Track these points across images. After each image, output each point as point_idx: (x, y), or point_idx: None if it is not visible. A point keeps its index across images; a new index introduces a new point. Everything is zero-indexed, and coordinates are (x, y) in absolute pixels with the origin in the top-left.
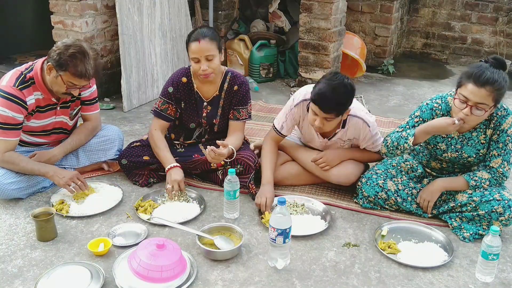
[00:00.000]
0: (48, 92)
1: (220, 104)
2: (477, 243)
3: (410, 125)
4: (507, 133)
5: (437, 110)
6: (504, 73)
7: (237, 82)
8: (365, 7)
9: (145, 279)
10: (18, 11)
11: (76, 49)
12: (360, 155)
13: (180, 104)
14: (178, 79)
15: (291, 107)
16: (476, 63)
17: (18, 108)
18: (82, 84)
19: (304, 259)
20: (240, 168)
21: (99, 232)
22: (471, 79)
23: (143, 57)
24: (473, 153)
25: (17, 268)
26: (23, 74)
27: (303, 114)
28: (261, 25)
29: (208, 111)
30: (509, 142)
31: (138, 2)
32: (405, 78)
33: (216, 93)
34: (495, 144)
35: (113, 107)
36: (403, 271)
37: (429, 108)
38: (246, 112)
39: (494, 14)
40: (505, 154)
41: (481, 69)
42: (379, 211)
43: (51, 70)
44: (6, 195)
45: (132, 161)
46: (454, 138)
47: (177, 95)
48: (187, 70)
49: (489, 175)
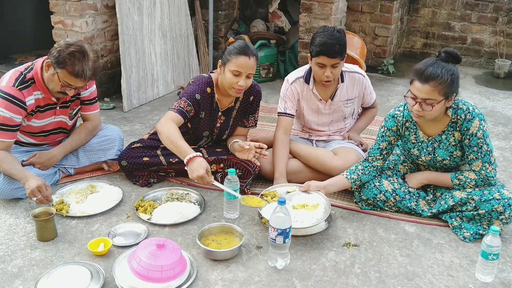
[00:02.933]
0: (48, 91)
1: (233, 115)
2: (477, 243)
3: (379, 136)
4: (477, 136)
5: (398, 117)
6: (451, 65)
7: (253, 92)
8: (365, 7)
9: (145, 279)
10: (18, 11)
11: (77, 48)
12: (364, 123)
13: (200, 113)
14: (204, 88)
15: (288, 87)
16: (426, 58)
17: (16, 109)
18: (78, 84)
19: (304, 259)
20: (238, 173)
21: (99, 232)
22: (416, 76)
23: (143, 57)
24: (446, 156)
25: (17, 268)
26: (22, 74)
27: (300, 90)
28: (261, 25)
29: (222, 121)
30: (483, 144)
31: (138, 2)
32: (405, 78)
33: (231, 104)
34: (469, 148)
35: (113, 107)
36: (403, 271)
37: (391, 116)
38: (254, 119)
39: (494, 14)
40: (483, 156)
41: (425, 65)
42: (379, 211)
43: (49, 67)
44: (6, 195)
45: (132, 163)
46: (425, 142)
47: (202, 103)
48: (210, 80)
49: (475, 176)
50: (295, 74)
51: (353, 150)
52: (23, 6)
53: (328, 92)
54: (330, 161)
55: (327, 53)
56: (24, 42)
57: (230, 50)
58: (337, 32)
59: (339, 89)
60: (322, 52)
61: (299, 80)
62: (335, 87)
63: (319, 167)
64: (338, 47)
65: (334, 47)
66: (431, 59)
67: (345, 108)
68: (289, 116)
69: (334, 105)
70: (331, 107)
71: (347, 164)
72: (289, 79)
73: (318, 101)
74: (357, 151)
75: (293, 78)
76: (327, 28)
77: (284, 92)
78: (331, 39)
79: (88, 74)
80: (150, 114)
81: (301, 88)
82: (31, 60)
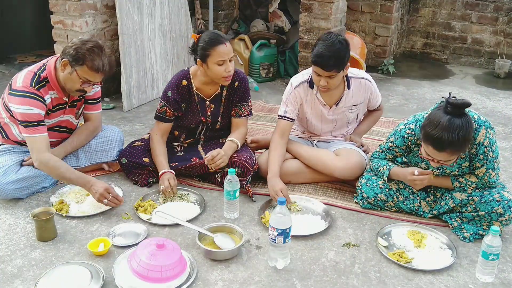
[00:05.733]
0: (61, 90)
1: (222, 102)
2: (477, 243)
3: (386, 148)
4: (483, 145)
5: (409, 137)
6: (464, 119)
7: (238, 78)
8: (365, 7)
9: (145, 279)
10: (18, 11)
11: (94, 43)
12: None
13: (180, 106)
14: (178, 82)
15: (291, 91)
16: (436, 113)
17: (40, 104)
18: (97, 79)
19: (304, 259)
20: (238, 171)
21: (99, 232)
22: (429, 142)
23: (143, 57)
24: (455, 168)
25: (17, 268)
26: (36, 74)
27: (304, 95)
28: (261, 25)
29: (212, 109)
30: (489, 152)
31: (138, 2)
32: (405, 78)
33: (218, 91)
34: (475, 157)
35: (113, 107)
36: (403, 271)
37: (401, 136)
38: (248, 108)
39: (494, 14)
40: (488, 163)
41: (439, 133)
42: (379, 211)
43: (66, 66)
44: (6, 195)
45: (132, 161)
46: None
47: (177, 97)
48: (186, 72)
49: (476, 179)
50: (300, 78)
51: (355, 151)
52: (23, 6)
53: (333, 98)
54: (332, 162)
55: (321, 66)
56: (24, 42)
57: (204, 46)
58: (339, 42)
59: (344, 96)
60: (317, 63)
61: (303, 84)
62: (340, 93)
63: (321, 168)
64: (334, 61)
65: (329, 60)
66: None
67: (349, 114)
68: (289, 120)
69: (338, 110)
70: (335, 112)
71: (349, 165)
72: (293, 83)
73: (322, 106)
74: (359, 152)
75: (297, 82)
76: (330, 36)
77: (287, 96)
78: (329, 51)
79: (107, 68)
80: (150, 114)
81: (305, 92)
82: (31, 60)
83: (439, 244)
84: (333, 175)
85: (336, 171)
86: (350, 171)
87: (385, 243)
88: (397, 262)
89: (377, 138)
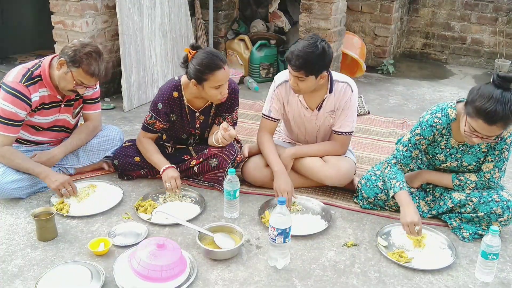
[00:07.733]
0: (55, 89)
1: (211, 113)
2: (477, 243)
3: (412, 143)
4: (505, 142)
5: (437, 125)
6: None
7: (229, 89)
8: (365, 7)
9: (145, 279)
10: (18, 11)
11: (93, 48)
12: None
13: (170, 118)
14: (169, 94)
15: (274, 89)
16: (486, 87)
17: (22, 104)
18: (91, 83)
19: (304, 259)
20: (215, 163)
21: (99, 231)
22: (481, 116)
23: (143, 57)
24: (473, 161)
25: (17, 268)
26: (30, 70)
27: (286, 95)
28: (261, 25)
29: (201, 121)
30: (506, 151)
31: (138, 2)
32: (405, 78)
33: (208, 103)
34: (492, 150)
35: (113, 107)
36: (403, 271)
37: (429, 125)
38: (232, 119)
39: (493, 14)
40: (498, 161)
41: (492, 106)
42: (379, 211)
43: (62, 66)
44: (6, 195)
45: (124, 162)
46: (454, 148)
47: (167, 110)
48: (177, 83)
49: (476, 177)
50: (283, 77)
51: (345, 158)
52: (23, 6)
53: (315, 101)
54: (319, 170)
55: (289, 63)
56: (25, 42)
57: (202, 70)
58: (315, 47)
59: (325, 100)
60: (287, 58)
61: (286, 84)
62: (322, 97)
63: (310, 176)
64: (302, 62)
65: (297, 60)
66: (493, 92)
67: (331, 119)
68: (273, 121)
69: (321, 115)
70: (318, 117)
71: (340, 173)
72: (276, 81)
73: (304, 110)
74: (350, 158)
75: (280, 81)
76: (309, 38)
77: (271, 93)
78: (300, 51)
79: (102, 74)
80: None
81: (286, 92)
82: (31, 60)
83: (438, 244)
84: (324, 183)
85: (327, 180)
86: (342, 178)
87: (384, 243)
88: (396, 262)
89: (377, 138)
